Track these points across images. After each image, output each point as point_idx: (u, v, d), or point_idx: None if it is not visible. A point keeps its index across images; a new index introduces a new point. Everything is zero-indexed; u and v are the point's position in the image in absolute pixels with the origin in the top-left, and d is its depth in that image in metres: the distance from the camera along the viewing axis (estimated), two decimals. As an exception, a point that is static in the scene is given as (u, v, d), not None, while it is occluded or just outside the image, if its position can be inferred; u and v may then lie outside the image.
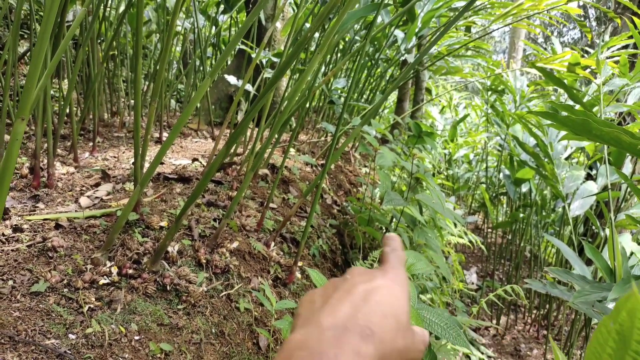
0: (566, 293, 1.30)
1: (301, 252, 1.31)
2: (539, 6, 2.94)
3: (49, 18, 0.59)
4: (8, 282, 0.95)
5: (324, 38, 1.05)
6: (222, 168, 1.80)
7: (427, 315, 1.06)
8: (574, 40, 14.84)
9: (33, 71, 0.61)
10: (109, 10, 2.58)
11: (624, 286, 1.05)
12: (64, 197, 1.41)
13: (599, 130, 0.99)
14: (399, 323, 0.41)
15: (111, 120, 2.89)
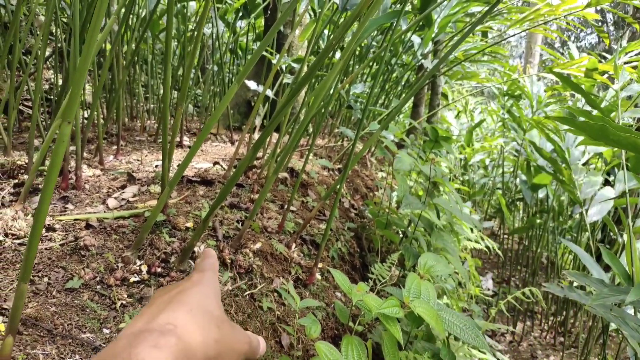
0: (584, 297, 1.31)
1: (321, 254, 1.34)
2: (556, 11, 2.94)
3: (95, 27, 0.63)
4: (43, 278, 0.99)
5: (347, 45, 1.09)
6: (244, 172, 1.84)
7: (445, 316, 1.08)
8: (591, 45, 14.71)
9: (79, 78, 0.64)
10: (132, 17, 2.65)
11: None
12: (92, 198, 1.46)
13: (617, 136, 1.01)
14: (209, 315, 0.43)
15: (132, 124, 2.95)
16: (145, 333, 0.38)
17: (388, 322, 0.97)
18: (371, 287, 1.38)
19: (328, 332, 1.33)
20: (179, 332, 0.39)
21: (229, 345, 0.44)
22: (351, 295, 0.99)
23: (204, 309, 0.44)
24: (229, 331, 0.45)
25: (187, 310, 0.42)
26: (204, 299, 0.46)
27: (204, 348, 0.40)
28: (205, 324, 0.42)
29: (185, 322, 0.40)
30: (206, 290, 0.47)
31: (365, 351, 0.97)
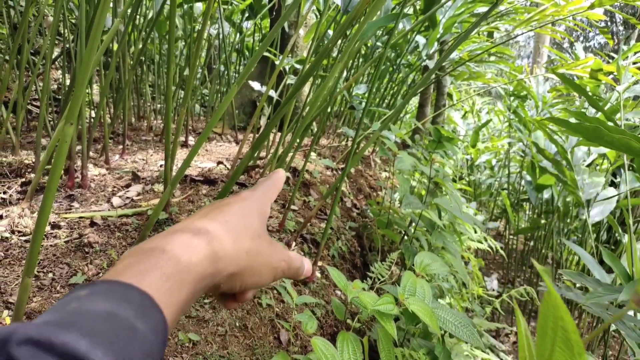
0: (581, 296, 1.32)
1: (321, 252, 1.36)
2: (562, 12, 2.94)
3: (97, 30, 0.66)
4: (48, 274, 1.02)
5: (345, 47, 1.11)
6: (246, 171, 1.87)
7: (441, 313, 1.10)
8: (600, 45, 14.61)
9: (82, 79, 0.67)
10: (138, 17, 2.68)
11: (634, 287, 1.07)
12: (97, 197, 1.49)
13: (610, 137, 1.02)
14: (246, 227, 0.44)
15: (138, 124, 2.99)
16: (179, 232, 0.39)
17: (383, 319, 0.99)
18: (371, 286, 1.40)
19: (327, 329, 1.36)
20: (211, 237, 0.40)
21: (263, 258, 0.44)
22: (347, 292, 1.01)
23: (240, 222, 0.44)
24: (264, 246, 0.45)
25: (222, 221, 0.43)
26: (244, 212, 0.46)
27: (234, 256, 0.41)
28: (238, 235, 0.43)
29: (218, 230, 0.41)
30: (249, 206, 0.47)
31: (360, 347, 0.99)
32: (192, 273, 0.37)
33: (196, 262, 0.37)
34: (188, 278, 0.36)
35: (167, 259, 0.36)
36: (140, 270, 0.34)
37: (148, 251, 0.36)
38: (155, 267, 0.35)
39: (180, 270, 0.36)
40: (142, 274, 0.34)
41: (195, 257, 0.37)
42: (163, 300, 0.33)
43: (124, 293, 0.31)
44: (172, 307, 0.34)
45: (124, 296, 0.31)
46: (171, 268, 0.35)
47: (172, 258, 0.36)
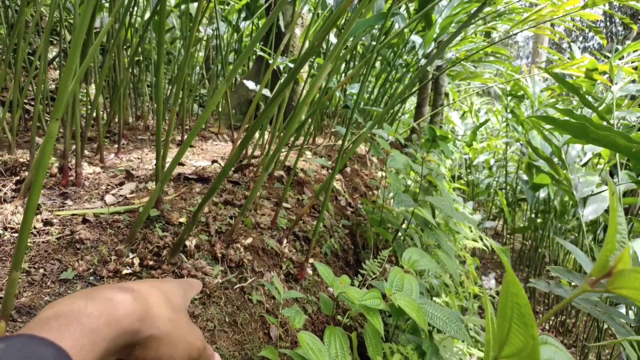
0: (569, 292, 1.33)
1: (312, 249, 1.37)
2: (558, 12, 2.95)
3: (82, 28, 0.67)
4: (39, 270, 1.03)
5: (333, 47, 1.12)
6: (240, 169, 1.88)
7: (428, 309, 1.11)
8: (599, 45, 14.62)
9: (66, 77, 0.68)
10: (134, 17, 2.69)
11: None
12: (91, 194, 1.50)
13: (596, 134, 1.03)
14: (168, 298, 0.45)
15: (136, 124, 3.00)
16: (105, 289, 0.40)
17: (370, 314, 1.00)
18: (363, 282, 1.41)
19: (319, 325, 1.37)
20: (137, 295, 0.41)
21: (182, 331, 0.44)
22: (334, 287, 1.02)
23: (164, 292, 0.46)
24: (183, 320, 0.46)
25: (149, 285, 0.45)
26: (168, 286, 0.48)
27: (156, 319, 0.41)
28: (161, 302, 0.44)
29: (145, 291, 0.42)
30: (171, 284, 0.49)
31: (347, 342, 1.00)
32: (112, 329, 0.37)
33: (117, 317, 0.37)
34: (108, 334, 0.36)
35: (88, 314, 0.36)
36: (60, 324, 0.34)
37: (70, 304, 0.37)
38: (75, 321, 0.35)
39: (100, 325, 0.36)
40: (60, 329, 0.34)
41: (117, 313, 0.38)
42: (79, 356, 0.33)
43: (40, 349, 0.31)
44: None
45: (39, 352, 0.31)
46: (90, 323, 0.35)
47: (93, 313, 0.36)
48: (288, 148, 2.06)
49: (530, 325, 0.42)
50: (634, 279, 0.43)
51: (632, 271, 0.43)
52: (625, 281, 0.44)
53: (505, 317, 0.44)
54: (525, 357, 0.44)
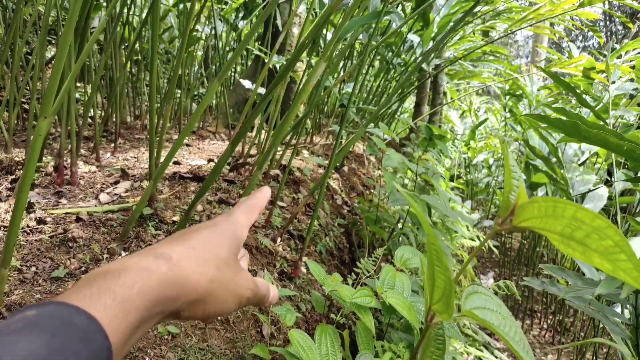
0: (562, 291, 1.33)
1: (306, 247, 1.37)
2: (556, 11, 2.95)
3: (70, 24, 0.67)
4: (31, 268, 1.03)
5: (326, 45, 1.12)
6: (236, 168, 1.88)
7: (421, 307, 1.11)
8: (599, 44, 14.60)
9: (55, 73, 0.68)
10: (132, 16, 2.69)
11: (612, 282, 1.08)
12: (85, 193, 1.51)
13: (588, 132, 1.03)
14: (212, 255, 0.43)
15: (134, 123, 3.00)
16: (140, 257, 0.39)
17: (361, 312, 1.00)
18: (357, 281, 1.41)
19: (312, 323, 1.37)
20: (173, 263, 0.39)
21: (227, 287, 0.44)
22: (325, 285, 1.02)
23: (207, 249, 0.44)
24: (230, 275, 0.45)
25: (187, 246, 0.42)
26: (213, 239, 0.45)
27: (194, 283, 0.40)
28: (203, 262, 0.42)
29: (181, 256, 0.41)
30: (220, 232, 0.47)
31: (339, 340, 1.00)
32: (145, 298, 0.36)
33: (150, 287, 0.37)
34: (140, 303, 0.35)
35: (121, 284, 0.35)
36: (92, 293, 0.34)
37: (103, 273, 0.36)
38: (107, 290, 0.34)
39: (132, 295, 0.35)
40: (92, 297, 0.34)
41: (150, 282, 0.37)
42: (111, 325, 0.33)
43: (70, 316, 0.31)
44: (120, 332, 0.33)
45: (69, 319, 0.31)
46: (123, 292, 0.35)
47: (126, 282, 0.36)
48: (284, 147, 2.06)
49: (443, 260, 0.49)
50: (532, 208, 0.46)
51: (530, 202, 0.46)
52: (526, 213, 0.47)
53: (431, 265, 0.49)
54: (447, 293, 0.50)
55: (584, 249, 0.45)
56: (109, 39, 1.79)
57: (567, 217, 0.45)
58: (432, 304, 0.55)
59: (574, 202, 1.90)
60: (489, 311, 0.56)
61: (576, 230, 0.45)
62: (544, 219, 0.46)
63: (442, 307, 0.53)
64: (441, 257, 0.49)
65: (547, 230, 0.47)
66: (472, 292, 0.58)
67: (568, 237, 0.46)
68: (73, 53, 1.47)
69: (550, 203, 0.46)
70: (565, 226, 0.45)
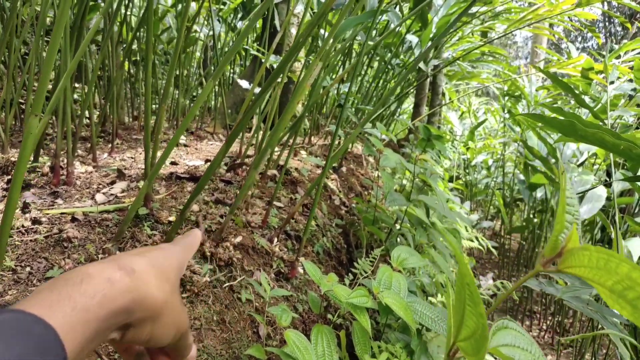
0: (560, 291, 1.33)
1: (303, 247, 1.36)
2: (554, 11, 2.95)
3: (60, 23, 0.66)
4: (26, 268, 1.03)
5: (322, 44, 1.11)
6: (233, 168, 1.87)
7: (417, 307, 1.10)
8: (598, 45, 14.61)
9: (46, 71, 0.68)
10: (129, 15, 2.69)
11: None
12: (82, 193, 1.50)
13: (584, 131, 1.03)
14: (167, 277, 0.43)
15: (131, 124, 3.00)
16: (103, 266, 0.38)
17: (357, 312, 0.99)
18: (354, 281, 1.40)
19: (309, 324, 1.36)
20: (136, 276, 0.39)
21: (174, 313, 0.43)
22: (321, 285, 1.02)
23: (163, 270, 0.44)
24: (177, 301, 0.45)
25: (149, 263, 0.42)
26: (167, 262, 0.45)
27: (153, 299, 0.40)
28: (160, 282, 0.42)
29: (143, 270, 0.40)
30: (171, 257, 0.47)
31: (335, 340, 0.99)
32: (105, 309, 0.35)
33: (112, 298, 0.36)
34: (99, 314, 0.35)
35: (82, 292, 0.34)
36: (52, 300, 0.33)
37: (65, 280, 0.35)
38: (68, 298, 0.34)
39: (93, 305, 0.34)
40: (52, 305, 0.33)
41: (112, 292, 0.36)
42: (69, 335, 0.32)
43: (28, 325, 0.30)
44: (77, 342, 0.33)
45: (27, 328, 0.30)
46: (84, 302, 0.34)
47: (88, 291, 0.35)
48: (282, 147, 2.06)
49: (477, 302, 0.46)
50: (583, 256, 0.44)
51: (581, 249, 0.44)
52: (575, 260, 0.45)
53: (461, 300, 0.46)
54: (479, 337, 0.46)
55: (634, 311, 0.42)
56: (106, 37, 1.78)
57: (620, 274, 0.42)
58: (458, 340, 0.52)
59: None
60: (519, 349, 0.53)
61: (628, 290, 0.42)
62: (594, 270, 0.44)
63: (471, 349, 0.49)
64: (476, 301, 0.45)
65: (596, 283, 0.44)
66: (501, 327, 0.55)
67: (618, 295, 0.43)
68: (69, 52, 1.46)
69: (603, 255, 0.43)
70: (616, 282, 0.43)
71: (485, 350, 0.47)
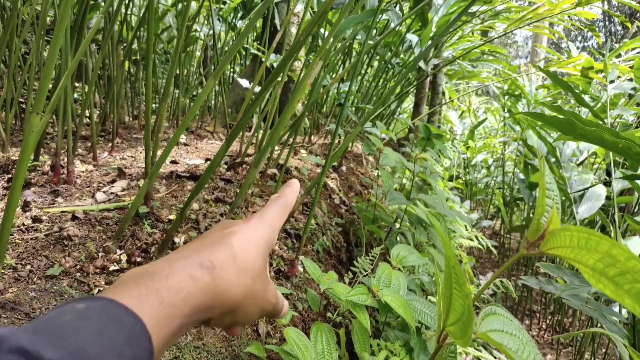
0: (559, 289, 1.33)
1: (302, 245, 1.37)
2: (554, 10, 2.95)
3: (62, 22, 0.67)
4: (26, 266, 1.03)
5: (323, 43, 1.12)
6: (233, 167, 1.88)
7: (417, 305, 1.10)
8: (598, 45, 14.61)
9: (47, 69, 0.68)
10: (130, 14, 2.69)
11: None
12: (82, 192, 1.50)
13: (583, 130, 1.03)
14: (249, 266, 0.43)
15: (132, 123, 3.00)
16: (187, 261, 0.38)
17: (356, 310, 1.00)
18: (353, 280, 1.41)
19: (309, 323, 1.36)
20: (215, 273, 0.39)
21: (255, 299, 0.44)
22: (321, 283, 1.02)
23: (246, 259, 0.43)
24: (260, 287, 0.44)
25: (230, 255, 0.42)
26: (251, 247, 0.44)
27: (231, 296, 0.41)
28: (241, 274, 0.42)
29: (223, 266, 0.41)
30: (256, 239, 0.45)
31: (334, 338, 1.00)
32: (189, 305, 0.36)
33: (195, 295, 0.37)
34: (184, 310, 0.35)
35: (168, 288, 0.35)
36: (140, 293, 0.34)
37: (150, 274, 0.36)
38: (155, 293, 0.34)
39: (178, 301, 0.35)
40: (141, 298, 0.33)
41: (194, 290, 0.37)
42: (155, 329, 0.33)
43: (119, 315, 0.31)
44: (162, 336, 0.33)
45: (117, 318, 0.30)
46: (170, 297, 0.35)
47: (173, 287, 0.35)
48: (282, 146, 2.06)
49: (462, 283, 0.48)
50: (564, 237, 0.44)
51: (562, 230, 0.44)
52: (557, 241, 0.45)
53: (448, 284, 0.47)
54: (465, 319, 0.47)
55: (616, 288, 0.43)
56: (106, 37, 1.78)
57: (600, 251, 0.43)
58: (447, 325, 0.53)
59: (574, 202, 1.90)
60: (507, 335, 0.54)
61: (609, 267, 0.43)
62: (575, 249, 0.45)
63: (459, 332, 0.50)
64: (461, 283, 0.47)
65: (578, 262, 0.44)
66: (489, 313, 0.55)
67: (600, 273, 0.44)
68: (70, 51, 1.46)
69: (583, 234, 0.44)
70: (597, 261, 0.43)
71: (472, 331, 0.48)
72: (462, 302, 0.46)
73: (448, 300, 0.48)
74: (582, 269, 0.45)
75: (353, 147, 3.40)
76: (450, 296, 0.47)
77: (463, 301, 0.46)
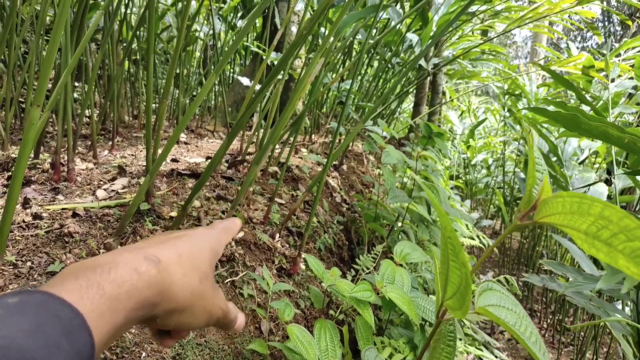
0: (562, 286, 1.32)
1: (304, 243, 1.36)
2: (554, 9, 2.94)
3: (61, 20, 0.66)
4: (27, 263, 1.02)
5: (323, 39, 1.11)
6: (234, 165, 1.87)
7: (421, 302, 1.10)
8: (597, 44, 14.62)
9: (47, 62, 0.67)
10: (129, 14, 2.69)
11: (613, 277, 1.07)
12: (82, 190, 1.50)
13: (588, 125, 1.02)
14: (196, 266, 0.43)
15: (132, 122, 2.99)
16: (132, 254, 0.38)
17: (360, 307, 0.99)
18: (356, 277, 1.40)
19: (311, 320, 1.36)
20: (161, 267, 0.39)
21: (203, 301, 0.43)
22: (324, 279, 1.01)
23: (192, 259, 0.43)
24: (208, 290, 0.44)
25: (176, 254, 0.42)
26: (197, 251, 0.45)
27: (177, 293, 0.40)
28: (188, 273, 0.41)
29: (169, 262, 0.40)
30: (202, 244, 0.46)
31: (338, 335, 0.99)
32: (133, 299, 0.35)
33: (139, 288, 0.36)
34: (128, 304, 0.34)
35: (111, 281, 0.34)
36: (80, 286, 0.33)
37: (92, 267, 0.35)
38: (96, 285, 0.33)
39: (121, 294, 0.34)
40: (80, 291, 0.32)
41: (139, 284, 0.36)
42: (96, 322, 0.32)
43: (56, 308, 0.30)
44: (105, 329, 0.32)
45: (55, 311, 0.29)
46: (112, 290, 0.34)
47: (116, 280, 0.34)
48: (283, 145, 2.05)
49: (459, 251, 0.46)
50: (557, 204, 0.44)
51: (554, 197, 0.44)
52: (549, 208, 0.45)
53: (445, 255, 0.47)
54: (463, 289, 0.47)
55: (609, 250, 0.42)
56: (106, 36, 1.78)
57: (593, 214, 0.43)
58: (445, 300, 0.53)
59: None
60: (504, 309, 0.54)
61: (602, 230, 0.42)
62: (568, 215, 0.44)
63: (456, 303, 0.51)
64: (458, 251, 0.47)
65: (571, 228, 0.44)
66: (486, 288, 0.56)
67: (593, 237, 0.43)
68: (70, 50, 1.46)
69: (575, 199, 0.44)
70: (590, 224, 0.43)
71: (469, 301, 0.49)
72: (459, 272, 0.47)
73: (445, 273, 0.49)
74: (575, 235, 0.45)
75: (353, 146, 3.40)
76: (447, 269, 0.48)
77: (460, 271, 0.47)
